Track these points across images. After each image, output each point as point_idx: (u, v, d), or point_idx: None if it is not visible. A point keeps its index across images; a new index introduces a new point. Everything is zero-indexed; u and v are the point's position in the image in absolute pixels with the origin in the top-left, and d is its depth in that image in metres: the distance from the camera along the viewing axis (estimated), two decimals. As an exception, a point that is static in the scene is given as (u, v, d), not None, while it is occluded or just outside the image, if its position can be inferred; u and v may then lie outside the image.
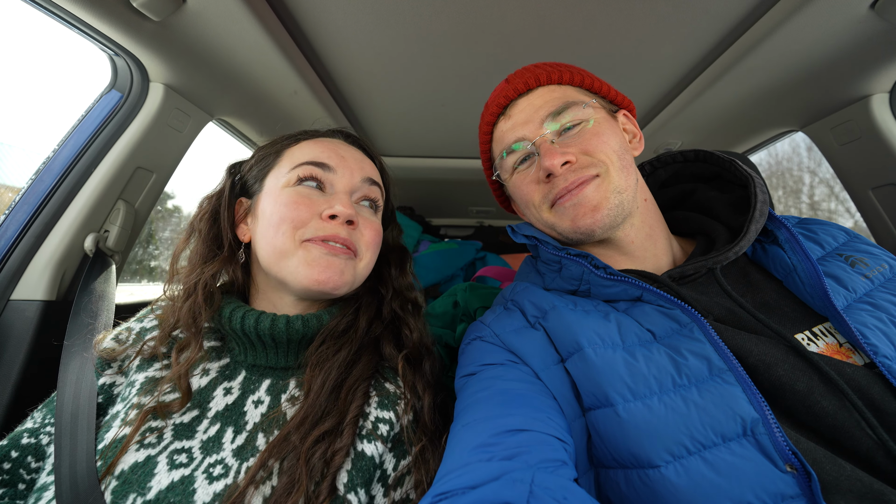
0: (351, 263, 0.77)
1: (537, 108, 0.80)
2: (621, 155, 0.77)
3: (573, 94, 0.81)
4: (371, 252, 0.81)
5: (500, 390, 0.65)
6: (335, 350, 0.77)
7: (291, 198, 0.76)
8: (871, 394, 0.55)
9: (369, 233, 0.80)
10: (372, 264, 0.83)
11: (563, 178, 0.76)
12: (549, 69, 0.83)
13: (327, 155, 0.81)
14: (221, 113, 1.56)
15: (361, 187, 0.82)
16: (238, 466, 0.64)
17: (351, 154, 0.84)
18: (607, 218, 0.75)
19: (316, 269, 0.72)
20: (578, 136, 0.77)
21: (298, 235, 0.74)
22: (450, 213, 3.43)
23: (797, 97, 1.40)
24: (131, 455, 0.63)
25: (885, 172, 1.34)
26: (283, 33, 1.18)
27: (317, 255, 0.73)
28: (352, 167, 0.82)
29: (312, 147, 0.83)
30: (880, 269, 0.70)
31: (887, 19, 0.99)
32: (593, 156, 0.76)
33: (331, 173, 0.79)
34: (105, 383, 0.77)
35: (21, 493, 0.69)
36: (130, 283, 1.85)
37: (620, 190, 0.75)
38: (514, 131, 0.83)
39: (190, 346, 0.75)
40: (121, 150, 1.24)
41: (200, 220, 0.83)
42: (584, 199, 0.75)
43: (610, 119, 0.82)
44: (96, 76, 1.27)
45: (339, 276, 0.74)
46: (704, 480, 0.52)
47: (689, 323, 0.64)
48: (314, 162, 0.79)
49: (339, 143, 0.86)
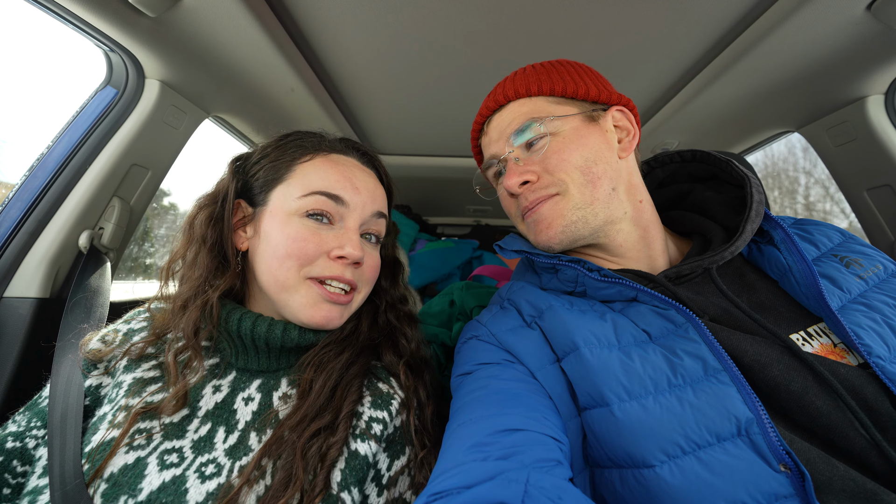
0: (350, 304, 0.78)
1: (505, 126, 0.81)
2: (585, 169, 0.75)
3: (541, 108, 0.79)
4: (370, 284, 0.82)
5: (496, 390, 0.65)
6: (338, 352, 0.77)
7: (300, 233, 0.72)
8: (865, 394, 0.55)
9: (370, 268, 0.80)
10: (367, 294, 0.83)
11: (524, 196, 0.79)
12: (520, 81, 0.82)
13: (342, 185, 0.76)
14: (218, 110, 1.56)
15: (369, 221, 0.81)
16: (231, 465, 0.64)
17: (365, 183, 0.81)
18: (563, 234, 0.76)
19: (316, 312, 0.73)
20: (541, 153, 0.77)
21: (304, 273, 0.72)
22: (447, 212, 3.44)
23: (793, 98, 1.40)
24: (120, 458, 0.62)
25: (880, 174, 1.35)
26: (281, 30, 1.18)
27: (317, 299, 0.73)
28: (364, 201, 0.79)
29: (326, 169, 0.77)
30: (875, 269, 0.71)
31: (883, 21, 0.99)
32: (553, 174, 0.76)
33: (343, 207, 0.76)
34: (91, 385, 0.76)
35: (6, 497, 0.68)
36: (125, 280, 1.84)
37: (582, 205, 0.75)
38: (487, 148, 0.86)
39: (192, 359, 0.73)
40: (116, 147, 1.23)
41: (203, 224, 0.76)
42: (540, 217, 0.77)
43: (583, 127, 0.79)
44: (91, 72, 1.26)
45: (339, 319, 0.75)
46: (699, 480, 0.52)
47: (685, 323, 0.64)
48: (327, 193, 0.74)
49: (353, 166, 0.82)
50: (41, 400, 0.76)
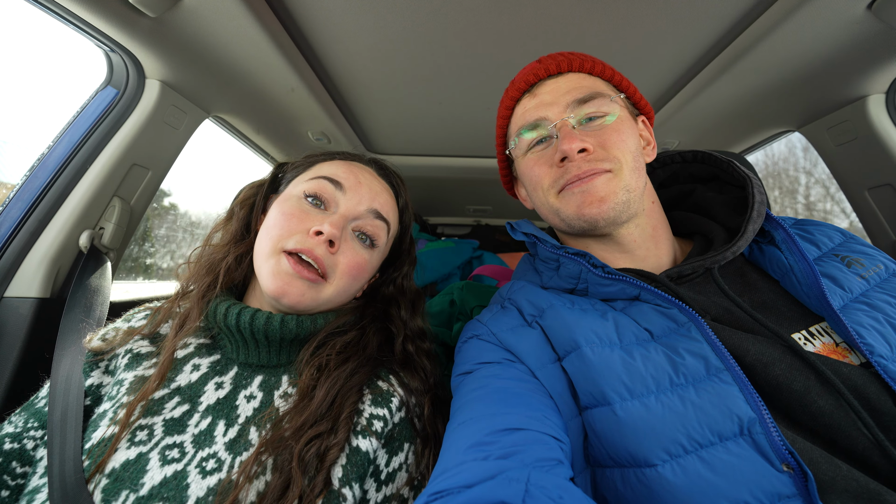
0: (315, 288, 0.75)
1: (565, 92, 0.79)
2: (636, 156, 0.77)
3: (602, 87, 0.81)
4: (345, 280, 0.79)
5: (496, 389, 0.65)
6: (343, 360, 0.77)
7: (290, 209, 0.77)
8: (867, 393, 0.55)
9: (348, 260, 0.78)
10: (344, 293, 0.81)
11: (577, 165, 0.75)
12: (582, 58, 0.83)
13: (346, 175, 0.82)
14: (218, 110, 1.56)
15: (364, 217, 0.81)
16: (231, 460, 0.64)
17: (371, 183, 0.84)
18: (612, 212, 0.74)
19: (279, 282, 0.73)
20: (599, 128, 0.77)
21: (280, 245, 0.74)
22: (447, 212, 3.44)
23: (794, 97, 1.40)
24: (122, 453, 0.63)
25: (882, 173, 1.34)
26: (281, 30, 1.18)
27: (284, 269, 0.73)
28: (363, 195, 0.81)
29: (339, 165, 0.85)
30: (876, 269, 0.70)
31: (884, 20, 0.99)
32: (609, 150, 0.75)
33: (340, 193, 0.80)
34: (92, 384, 0.76)
35: (5, 499, 0.68)
36: (126, 280, 1.84)
37: (629, 189, 0.75)
38: (537, 110, 0.81)
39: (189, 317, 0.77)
40: (116, 147, 1.23)
41: (240, 205, 0.89)
42: (593, 189, 0.74)
43: (631, 119, 0.81)
44: (92, 72, 1.26)
45: (297, 295, 0.74)
46: (701, 479, 0.52)
47: (687, 322, 0.64)
48: (329, 177, 0.80)
49: (367, 171, 0.87)
50: (38, 401, 0.77)
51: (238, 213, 0.88)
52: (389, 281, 0.94)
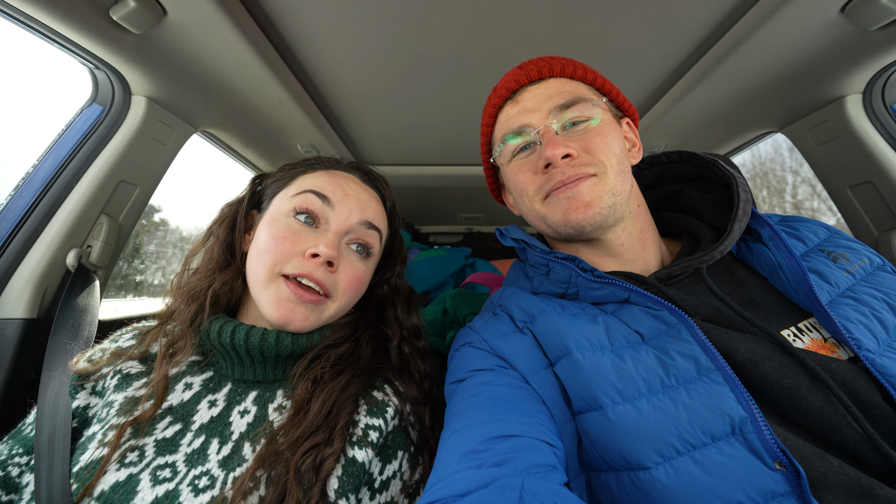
0: (319, 308, 0.76)
1: (547, 98, 0.80)
2: (620, 159, 0.77)
3: (584, 91, 0.81)
4: (348, 296, 0.80)
5: (489, 396, 0.65)
6: (337, 372, 0.76)
7: (281, 231, 0.76)
8: (856, 388, 0.55)
9: (348, 277, 0.78)
10: (347, 307, 0.82)
11: (561, 171, 0.75)
12: (563, 62, 0.83)
13: (332, 189, 0.80)
14: (206, 125, 1.55)
15: (356, 230, 0.81)
16: (224, 477, 0.63)
17: (358, 193, 0.83)
18: (598, 216, 0.74)
19: (281, 309, 0.72)
20: (583, 133, 0.77)
21: (277, 269, 0.74)
22: (438, 221, 3.44)
23: (775, 99, 1.42)
24: (111, 475, 0.61)
25: (862, 171, 1.37)
26: (267, 44, 1.18)
27: (285, 296, 0.73)
28: (352, 207, 0.80)
29: (323, 177, 0.83)
30: (861, 263, 0.71)
31: (856, 22, 1.02)
32: (594, 155, 0.76)
33: (328, 208, 0.79)
34: (79, 406, 0.75)
35: None
36: (115, 298, 1.81)
37: (615, 192, 0.75)
38: (520, 117, 0.81)
39: (179, 344, 0.75)
40: (103, 164, 1.22)
41: (219, 225, 0.86)
42: (578, 194, 0.75)
43: (615, 122, 0.82)
44: (77, 89, 1.25)
45: (301, 320, 0.74)
46: (694, 480, 0.52)
47: (677, 324, 0.65)
48: (316, 191, 0.79)
49: (350, 180, 0.85)
50: (24, 427, 0.75)
51: (217, 232, 0.86)
52: (383, 282, 0.94)
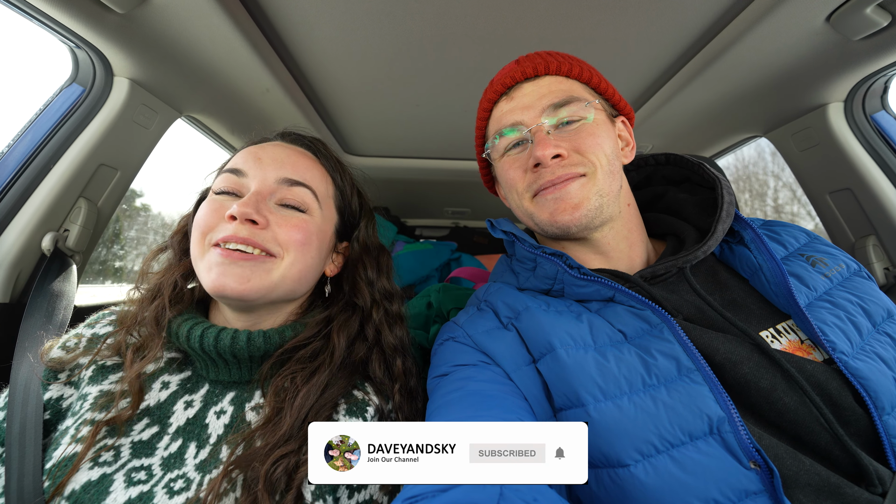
0: (263, 267, 0.70)
1: (541, 97, 0.80)
2: (611, 159, 0.78)
3: (578, 90, 0.81)
4: (297, 251, 0.74)
5: (472, 391, 0.65)
6: (311, 372, 0.72)
7: (208, 206, 0.74)
8: (829, 389, 0.57)
9: (288, 231, 0.73)
10: (303, 264, 0.75)
11: (551, 170, 0.76)
12: (560, 59, 0.83)
13: (243, 160, 0.77)
14: (191, 110, 1.52)
15: (277, 189, 0.75)
16: (200, 479, 0.62)
17: (276, 153, 0.79)
18: (585, 218, 0.75)
19: (213, 274, 0.68)
20: (575, 132, 0.77)
21: (207, 239, 0.71)
22: (425, 214, 3.43)
23: (760, 104, 1.45)
24: (83, 474, 0.60)
25: (841, 178, 1.40)
26: (255, 29, 1.15)
27: (214, 261, 0.69)
28: (266, 169, 0.76)
29: (240, 155, 0.80)
30: (838, 268, 0.73)
31: (841, 32, 1.04)
32: (584, 155, 0.76)
33: (244, 178, 0.75)
34: (52, 397, 0.72)
35: None
36: (94, 283, 1.76)
37: (603, 193, 0.76)
38: (513, 114, 0.81)
39: (149, 345, 0.72)
40: (82, 147, 1.19)
41: (174, 234, 0.86)
42: (566, 195, 0.75)
43: (608, 122, 0.82)
44: (56, 68, 1.21)
45: (240, 282, 0.68)
46: (672, 478, 0.52)
47: (660, 324, 0.65)
48: (229, 169, 0.77)
49: (273, 146, 0.81)
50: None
51: (172, 242, 0.85)
52: (353, 241, 0.89)
